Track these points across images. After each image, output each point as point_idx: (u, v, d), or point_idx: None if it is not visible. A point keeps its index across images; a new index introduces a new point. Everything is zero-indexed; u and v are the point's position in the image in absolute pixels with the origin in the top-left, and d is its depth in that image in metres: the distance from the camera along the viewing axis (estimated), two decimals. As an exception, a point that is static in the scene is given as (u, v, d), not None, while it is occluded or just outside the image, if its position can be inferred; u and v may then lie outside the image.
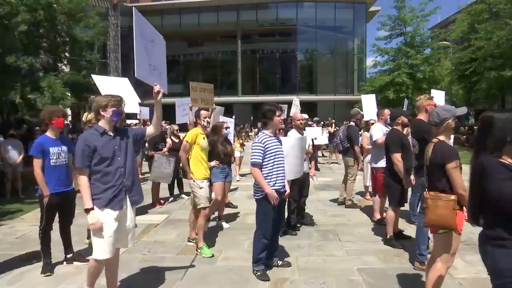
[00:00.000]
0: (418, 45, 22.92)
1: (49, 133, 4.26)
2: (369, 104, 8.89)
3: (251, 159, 4.02)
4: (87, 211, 3.09)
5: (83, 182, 3.10)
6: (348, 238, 5.41)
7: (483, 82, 19.37)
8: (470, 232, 4.97)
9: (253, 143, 4.18)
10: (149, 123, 10.89)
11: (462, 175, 3.08)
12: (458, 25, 22.63)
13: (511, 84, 16.90)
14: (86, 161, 3.10)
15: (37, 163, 4.10)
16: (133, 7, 3.40)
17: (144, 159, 9.85)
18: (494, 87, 19.21)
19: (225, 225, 5.96)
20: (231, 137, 7.90)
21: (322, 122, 15.68)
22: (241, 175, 11.09)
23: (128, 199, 3.27)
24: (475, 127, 6.43)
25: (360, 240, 5.33)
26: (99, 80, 6.29)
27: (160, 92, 3.38)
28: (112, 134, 3.24)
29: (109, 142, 3.19)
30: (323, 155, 14.67)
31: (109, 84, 6.12)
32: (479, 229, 2.23)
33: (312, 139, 8.51)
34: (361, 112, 8.69)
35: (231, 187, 8.79)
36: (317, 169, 10.62)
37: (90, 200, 3.09)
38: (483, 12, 20.35)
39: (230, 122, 8.19)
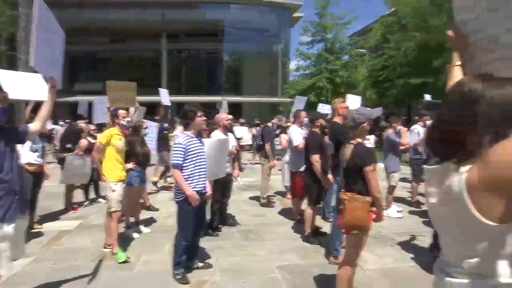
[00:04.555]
0: (337, 51, 24.20)
1: None
2: (299, 105, 9.36)
3: (172, 160, 3.94)
4: None
5: None
6: (269, 237, 5.53)
7: (393, 88, 21.05)
8: (379, 226, 5.40)
9: (173, 144, 4.10)
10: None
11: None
12: (373, 35, 24.35)
13: (416, 91, 18.58)
14: None
15: None
16: None
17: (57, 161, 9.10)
18: (402, 93, 20.97)
19: (145, 229, 5.76)
20: (153, 141, 7.71)
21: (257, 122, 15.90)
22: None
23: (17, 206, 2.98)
24: (385, 128, 7.07)
25: (281, 238, 5.47)
26: (3, 75, 5.56)
27: (56, 87, 3.10)
28: None
29: None
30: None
31: (17, 80, 5.47)
32: (388, 224, 2.39)
33: (238, 139, 8.59)
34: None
35: (153, 190, 8.55)
36: (241, 169, 10.73)
37: None
38: (393, 24, 22.14)
39: (155, 126, 7.97)
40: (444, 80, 1.77)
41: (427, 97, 9.26)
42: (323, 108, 9.31)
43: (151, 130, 7.66)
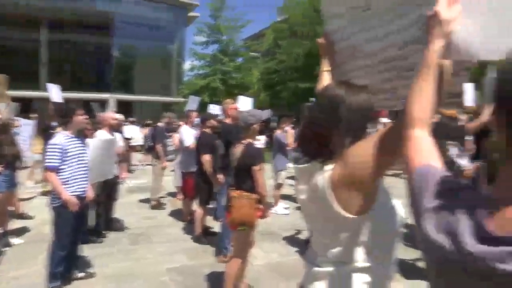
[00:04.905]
0: (231, 53, 24.67)
1: None
2: (192, 105, 9.27)
3: (46, 162, 3.58)
4: None
5: None
6: (159, 239, 5.40)
7: (285, 91, 22.22)
8: (265, 222, 5.65)
9: (48, 145, 3.72)
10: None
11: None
12: (266, 40, 25.37)
13: (305, 94, 19.87)
14: None
15: None
16: None
17: None
18: (293, 96, 22.26)
19: (16, 240, 5.12)
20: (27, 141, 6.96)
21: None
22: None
23: None
24: (274, 130, 7.55)
25: (171, 240, 5.38)
26: None
27: None
28: None
29: None
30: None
31: None
32: (275, 220, 2.50)
33: (128, 139, 8.25)
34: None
35: (28, 196, 7.67)
36: (130, 171, 10.27)
37: None
38: (285, 30, 23.37)
39: (29, 125, 7.17)
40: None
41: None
42: (213, 109, 9.41)
43: (24, 129, 6.88)
